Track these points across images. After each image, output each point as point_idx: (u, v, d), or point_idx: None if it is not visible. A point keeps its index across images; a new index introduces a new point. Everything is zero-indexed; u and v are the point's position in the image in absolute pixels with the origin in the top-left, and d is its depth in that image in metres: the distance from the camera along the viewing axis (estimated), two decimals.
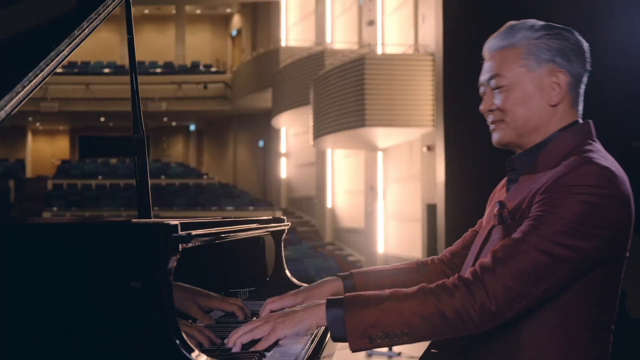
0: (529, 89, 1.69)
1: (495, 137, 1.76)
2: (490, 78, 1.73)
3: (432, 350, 1.76)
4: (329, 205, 20.09)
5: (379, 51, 16.52)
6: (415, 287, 1.52)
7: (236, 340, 1.52)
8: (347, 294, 1.54)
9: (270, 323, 1.54)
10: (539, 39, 1.70)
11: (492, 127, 1.76)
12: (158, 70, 27.50)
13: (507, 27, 1.75)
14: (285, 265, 2.42)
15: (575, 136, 1.68)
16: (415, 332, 1.48)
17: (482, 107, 1.76)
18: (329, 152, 19.84)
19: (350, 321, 1.48)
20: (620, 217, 1.55)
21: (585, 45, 1.73)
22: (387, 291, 1.52)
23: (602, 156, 1.62)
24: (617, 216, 1.55)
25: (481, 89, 1.78)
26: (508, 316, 1.50)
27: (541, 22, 1.74)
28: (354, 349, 1.48)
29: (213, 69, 28.70)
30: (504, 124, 1.72)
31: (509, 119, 1.71)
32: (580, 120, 1.74)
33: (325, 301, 1.53)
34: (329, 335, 1.87)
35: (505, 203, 1.68)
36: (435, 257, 2.00)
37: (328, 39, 20.49)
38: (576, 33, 1.74)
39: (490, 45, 1.76)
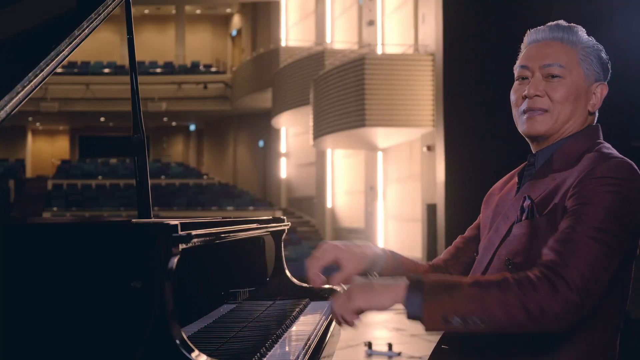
0: (581, 91, 1.72)
1: (530, 125, 1.73)
2: (549, 65, 1.71)
3: (442, 347, 1.75)
4: (329, 205, 20.09)
5: (379, 51, 16.53)
6: (499, 276, 1.50)
7: (341, 321, 1.54)
8: (430, 279, 1.51)
9: (347, 296, 1.53)
10: (592, 47, 1.74)
11: (528, 114, 1.73)
12: (158, 70, 27.50)
13: (561, 23, 1.76)
14: (285, 265, 2.42)
15: (588, 137, 1.72)
16: (494, 322, 1.46)
17: (530, 90, 1.72)
18: (329, 152, 19.85)
19: (429, 306, 1.47)
20: None
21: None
22: (469, 278, 1.52)
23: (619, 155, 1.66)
24: None
25: (522, 72, 1.76)
26: (589, 307, 1.48)
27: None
28: (429, 329, 1.48)
29: (213, 69, 28.70)
30: (547, 115, 1.72)
31: (556, 112, 1.71)
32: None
33: (405, 282, 1.51)
34: (328, 335, 1.87)
35: (532, 197, 1.68)
36: (429, 262, 1.98)
37: (328, 39, 20.49)
38: None
39: (545, 33, 1.76)
